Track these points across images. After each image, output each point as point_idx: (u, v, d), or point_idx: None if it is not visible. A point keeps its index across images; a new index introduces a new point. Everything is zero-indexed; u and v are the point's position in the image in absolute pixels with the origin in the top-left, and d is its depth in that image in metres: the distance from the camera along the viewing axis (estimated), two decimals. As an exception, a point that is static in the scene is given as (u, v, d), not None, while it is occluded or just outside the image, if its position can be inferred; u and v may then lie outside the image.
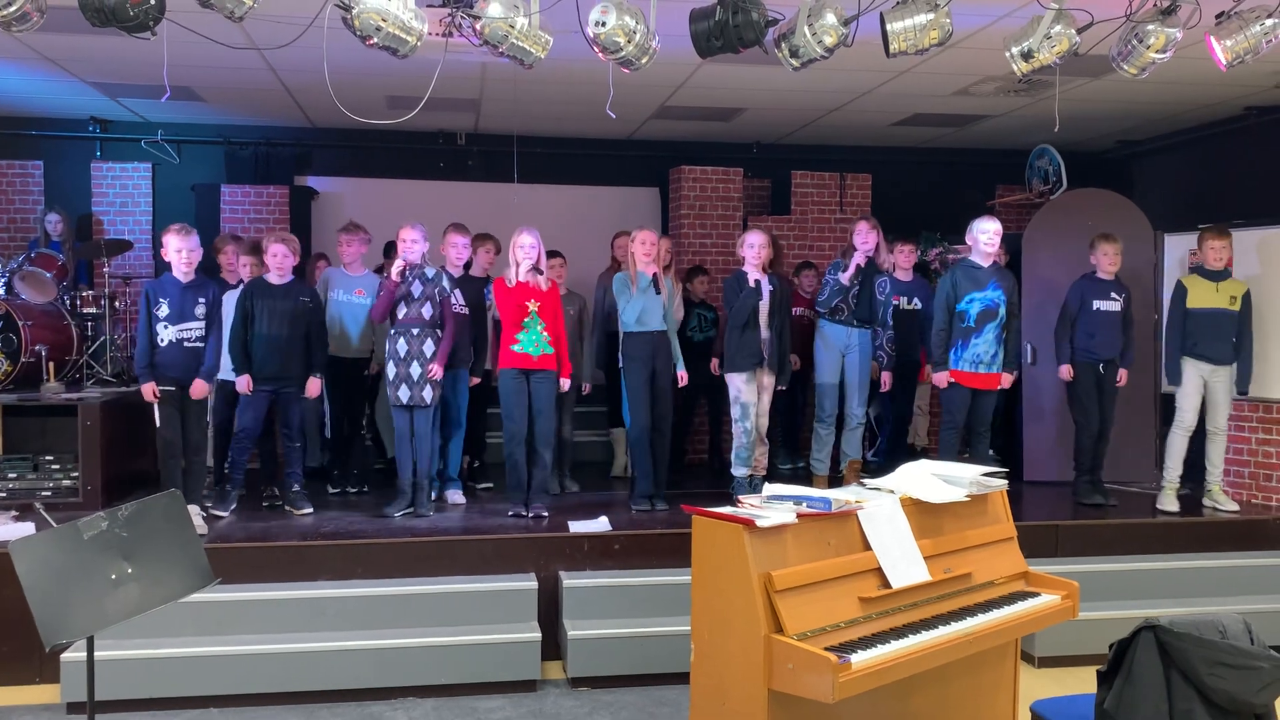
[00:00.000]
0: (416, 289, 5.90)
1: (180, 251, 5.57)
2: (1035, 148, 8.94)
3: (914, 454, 7.63)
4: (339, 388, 6.54)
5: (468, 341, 6.40)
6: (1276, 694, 2.70)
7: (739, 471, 6.29)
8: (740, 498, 3.38)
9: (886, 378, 6.96)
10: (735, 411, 6.24)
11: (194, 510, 5.47)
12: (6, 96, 7.67)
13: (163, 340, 5.58)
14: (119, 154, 8.68)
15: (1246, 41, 4.63)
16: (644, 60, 4.41)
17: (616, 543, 5.51)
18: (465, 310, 6.38)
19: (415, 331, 5.87)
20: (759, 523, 3.06)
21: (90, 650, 3.29)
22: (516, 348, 5.83)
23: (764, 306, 6.17)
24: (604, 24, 4.23)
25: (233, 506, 5.92)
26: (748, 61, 5.34)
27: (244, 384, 5.82)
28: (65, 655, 4.58)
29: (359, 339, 6.52)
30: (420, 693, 4.91)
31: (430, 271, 5.98)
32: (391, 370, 5.88)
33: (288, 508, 6.01)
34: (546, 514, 5.88)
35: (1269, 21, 4.59)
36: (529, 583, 5.25)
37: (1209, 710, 2.67)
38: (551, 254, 6.44)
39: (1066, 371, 6.41)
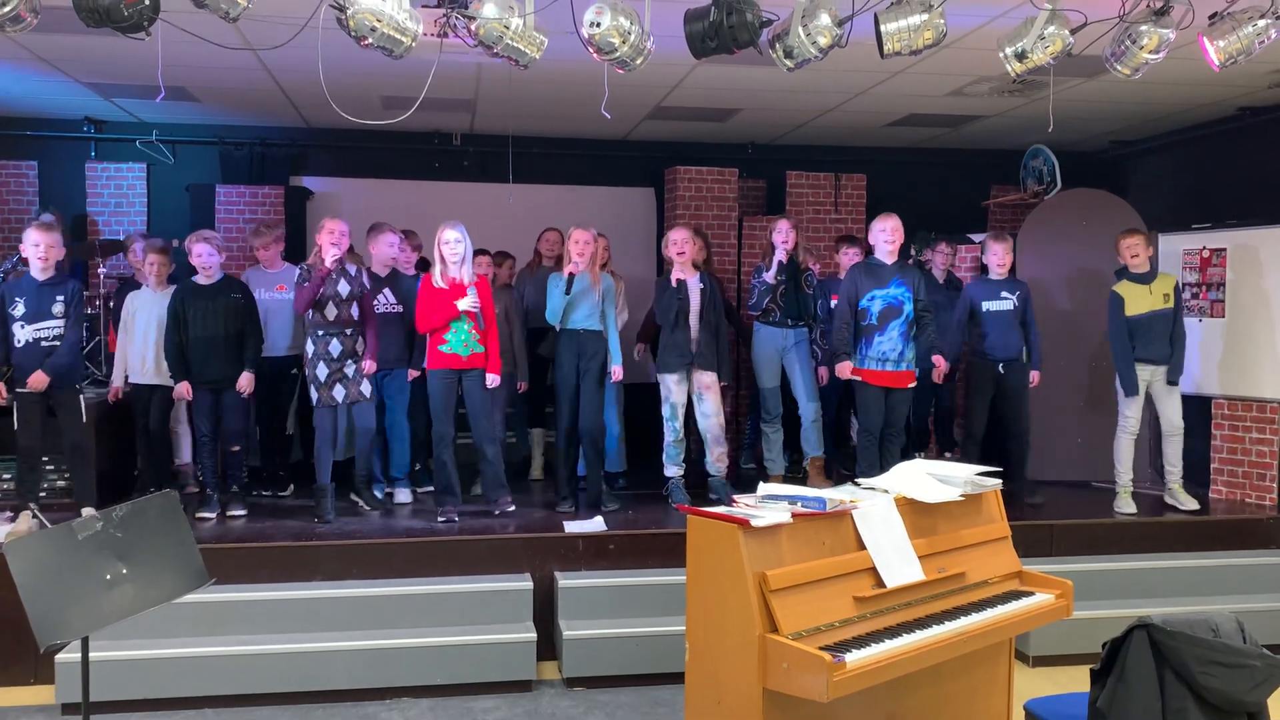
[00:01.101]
0: (344, 288, 5.78)
1: (38, 246, 5.39)
2: (1029, 148, 8.95)
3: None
4: (266, 386, 6.47)
5: (401, 340, 6.28)
6: (1269, 692, 2.72)
7: (671, 471, 6.25)
8: (735, 497, 3.39)
9: (823, 372, 6.91)
10: (665, 411, 6.18)
11: (25, 516, 5.41)
12: (1, 97, 7.66)
13: (19, 340, 5.38)
14: (114, 154, 8.65)
15: (1239, 42, 4.64)
16: (639, 61, 4.41)
17: (611, 543, 5.52)
18: (399, 308, 6.30)
19: (349, 331, 5.78)
20: (754, 522, 3.07)
21: (85, 651, 3.29)
22: (445, 348, 5.74)
23: (694, 305, 6.11)
24: (599, 24, 4.23)
25: (217, 509, 5.87)
26: (742, 62, 5.34)
27: (183, 390, 5.77)
28: (60, 656, 4.58)
29: (285, 337, 6.44)
30: (415, 693, 4.92)
31: (354, 269, 5.90)
32: (323, 371, 5.74)
33: (225, 511, 5.88)
34: (512, 507, 5.85)
35: (1261, 22, 4.59)
36: (524, 583, 5.26)
37: (1202, 709, 2.68)
38: (479, 251, 6.42)
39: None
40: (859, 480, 3.77)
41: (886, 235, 6.06)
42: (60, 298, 5.46)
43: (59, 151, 8.56)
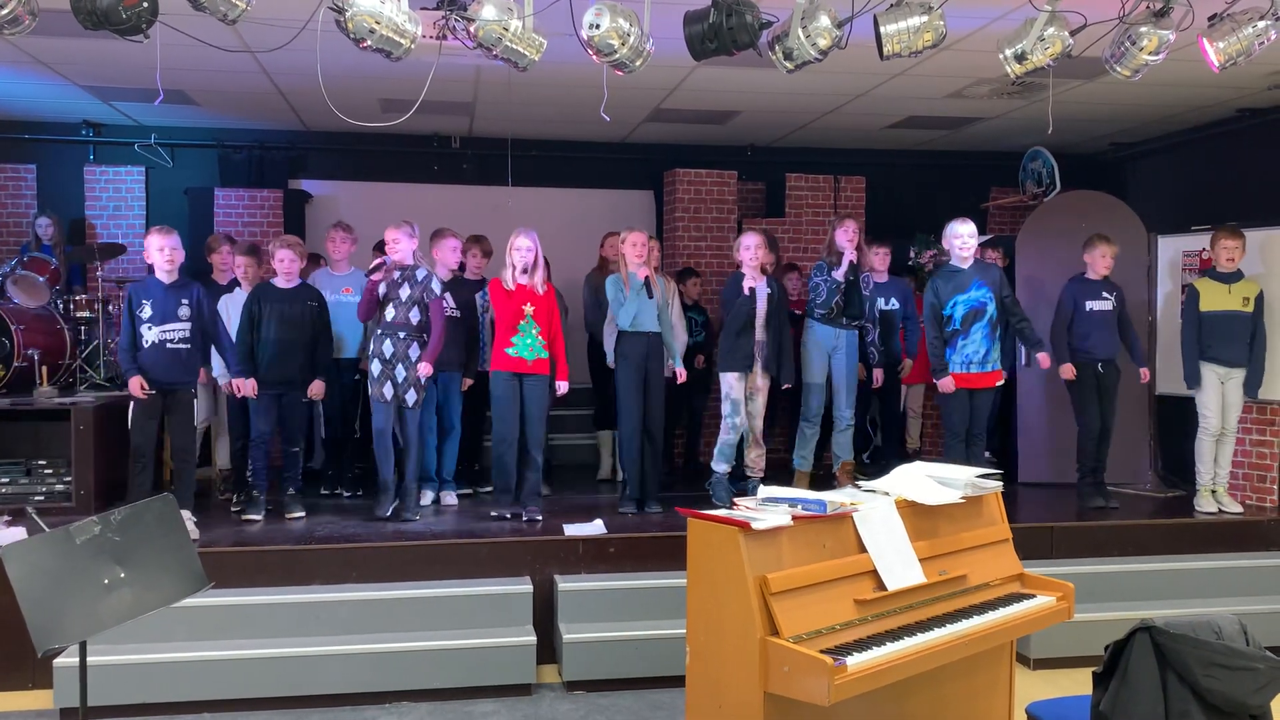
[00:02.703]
0: (404, 292, 5.84)
1: (163, 250, 5.52)
2: (1029, 150, 8.95)
3: (909, 457, 7.63)
4: (333, 389, 6.53)
5: (460, 344, 6.37)
6: (1272, 695, 2.70)
7: (720, 467, 6.28)
8: (735, 500, 3.38)
9: (878, 374, 6.98)
10: (725, 408, 6.24)
11: (186, 515, 5.44)
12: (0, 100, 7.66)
13: (146, 342, 5.52)
14: (112, 158, 8.65)
15: (1239, 44, 4.64)
16: (638, 63, 4.41)
17: (611, 546, 5.50)
18: (457, 313, 6.37)
19: (402, 335, 5.82)
20: (754, 525, 3.06)
21: (83, 655, 3.28)
22: (511, 351, 5.81)
23: (760, 310, 6.17)
24: (598, 26, 4.23)
25: (264, 511, 5.90)
26: (742, 64, 5.34)
27: (250, 388, 5.81)
28: (58, 660, 4.56)
29: (352, 341, 6.49)
30: (415, 697, 4.90)
31: (421, 273, 5.93)
32: (376, 368, 5.83)
33: (284, 513, 5.95)
34: (540, 517, 5.87)
35: (1261, 24, 4.59)
36: (524, 586, 5.24)
37: (1205, 711, 2.67)
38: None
39: (1069, 370, 6.44)
40: (860, 483, 3.76)
41: (962, 241, 6.13)
42: (186, 300, 5.60)
43: (58, 155, 8.56)
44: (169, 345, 5.54)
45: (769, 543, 3.09)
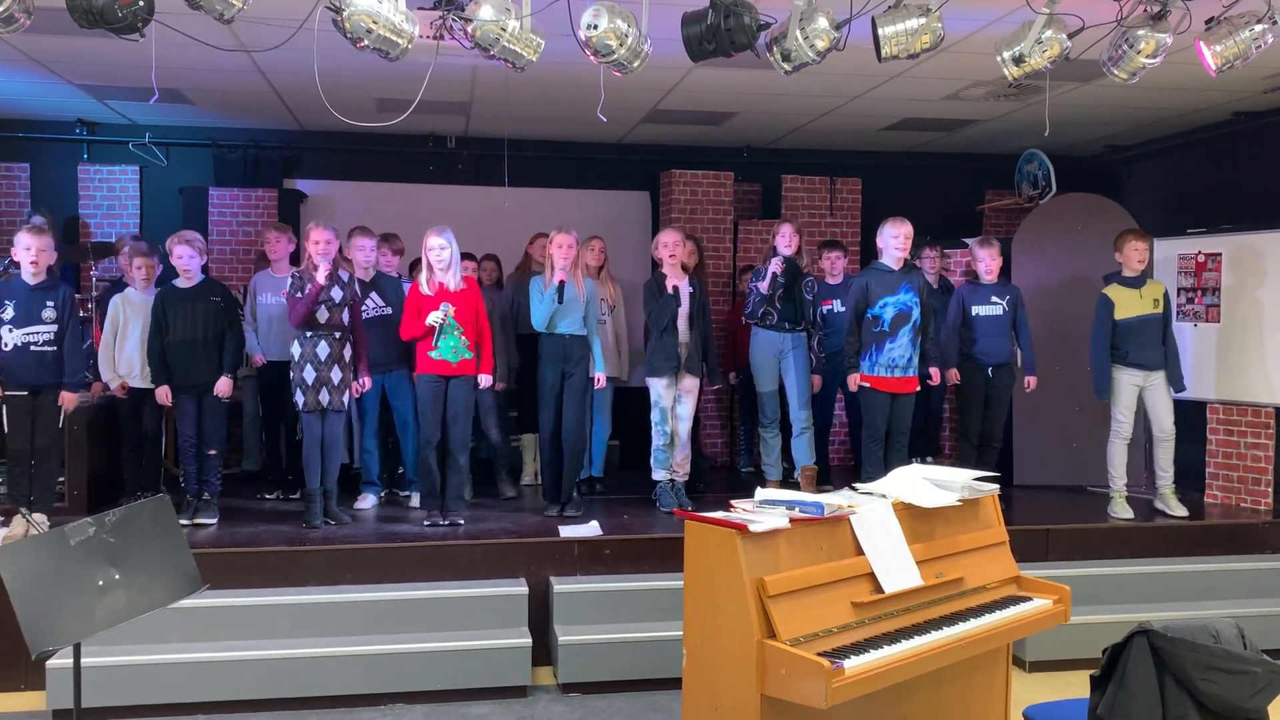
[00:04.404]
0: (337, 294, 5.74)
1: (29, 249, 5.37)
2: (1024, 152, 8.96)
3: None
4: (273, 391, 6.46)
5: (395, 340, 6.19)
6: (1270, 698, 2.70)
7: (659, 475, 6.24)
8: (733, 502, 3.37)
9: (816, 380, 6.90)
10: (654, 415, 6.16)
11: (40, 518, 5.38)
12: (-7, 98, 7.63)
13: (7, 344, 5.36)
14: (106, 157, 8.62)
15: (1236, 47, 4.65)
16: (636, 64, 4.40)
17: (607, 547, 5.49)
18: (388, 309, 6.29)
19: (338, 335, 5.73)
20: (752, 528, 3.05)
21: (77, 657, 3.26)
22: (434, 354, 5.71)
23: (683, 311, 6.10)
24: (596, 27, 4.22)
25: (210, 517, 5.81)
26: (739, 65, 5.34)
27: (163, 395, 5.73)
28: (51, 662, 4.54)
29: (290, 341, 6.43)
30: (410, 699, 4.89)
31: (346, 275, 5.87)
32: (310, 374, 5.67)
33: (195, 519, 5.77)
34: (462, 521, 5.79)
35: (1258, 27, 4.60)
36: (519, 588, 5.23)
37: (1202, 715, 2.67)
38: (464, 256, 6.39)
39: (955, 375, 6.58)
40: (856, 485, 3.76)
41: (899, 241, 6.07)
42: (51, 302, 5.42)
43: (51, 154, 8.52)
44: (33, 348, 5.38)
45: (766, 545, 3.09)
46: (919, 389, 6.24)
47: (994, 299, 6.52)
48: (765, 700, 2.98)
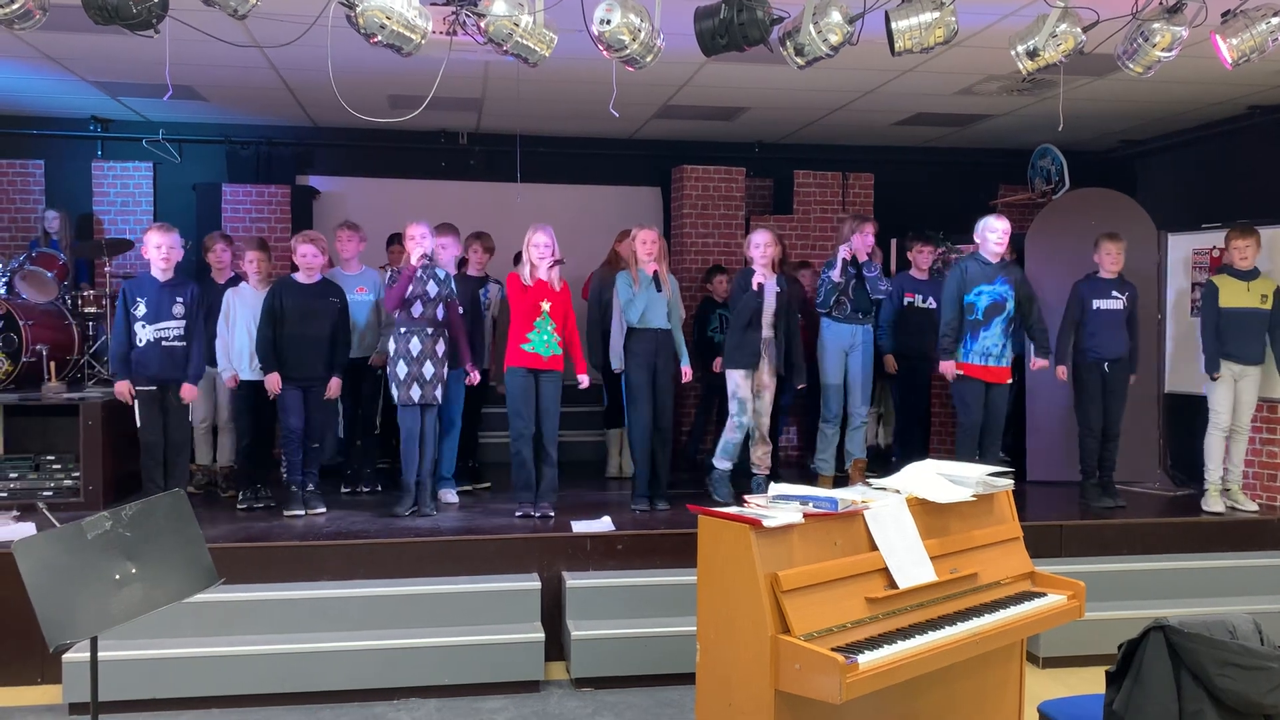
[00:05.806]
0: (432, 289, 5.86)
1: (160, 248, 5.57)
2: (1038, 147, 8.92)
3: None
4: (352, 386, 6.51)
5: (466, 341, 6.32)
6: (1287, 695, 2.69)
7: (721, 464, 6.27)
8: (746, 497, 3.37)
9: (889, 360, 7.01)
10: (732, 406, 6.23)
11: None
12: (8, 95, 7.66)
13: (140, 340, 5.58)
14: (120, 153, 8.66)
15: (1252, 40, 4.61)
16: (648, 58, 4.39)
17: (620, 543, 5.50)
18: (461, 310, 6.36)
19: (430, 331, 5.84)
20: (765, 523, 3.05)
21: (93, 650, 3.28)
22: (527, 347, 5.81)
23: (768, 307, 6.16)
24: (609, 21, 4.22)
25: (319, 507, 5.94)
26: (752, 60, 5.33)
27: (273, 383, 5.82)
28: (67, 655, 4.57)
29: (369, 339, 6.49)
30: (423, 693, 4.90)
31: (442, 272, 5.97)
32: (403, 369, 5.80)
33: (305, 510, 5.92)
34: (553, 513, 5.86)
35: (1275, 20, 4.57)
36: (532, 583, 5.24)
37: (1219, 711, 2.66)
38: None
39: (1063, 372, 6.43)
40: (870, 480, 3.75)
41: (998, 236, 6.12)
42: (180, 299, 5.66)
43: (65, 150, 8.57)
44: (164, 343, 5.60)
45: (780, 540, 3.08)
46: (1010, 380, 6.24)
47: (1114, 293, 6.44)
48: (779, 695, 2.97)
